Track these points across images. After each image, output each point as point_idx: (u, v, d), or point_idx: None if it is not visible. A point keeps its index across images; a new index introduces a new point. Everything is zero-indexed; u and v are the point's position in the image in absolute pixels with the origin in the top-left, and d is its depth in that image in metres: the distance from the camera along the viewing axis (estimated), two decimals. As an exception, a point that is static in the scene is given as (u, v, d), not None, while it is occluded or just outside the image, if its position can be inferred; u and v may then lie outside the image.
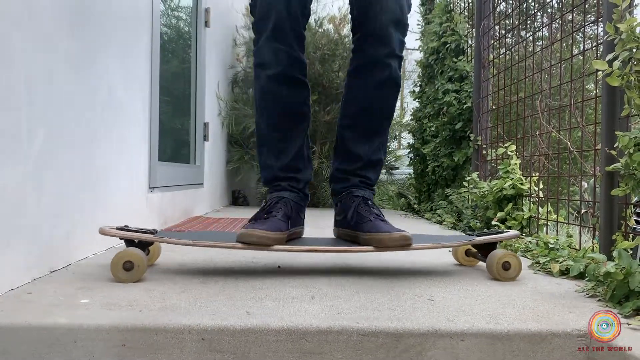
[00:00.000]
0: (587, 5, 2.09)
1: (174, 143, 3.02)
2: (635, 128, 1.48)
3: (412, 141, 4.35)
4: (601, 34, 1.77)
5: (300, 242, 1.53)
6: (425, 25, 4.33)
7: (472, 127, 3.07)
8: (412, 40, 4.94)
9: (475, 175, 2.74)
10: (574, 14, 2.75)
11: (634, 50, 1.36)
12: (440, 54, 3.72)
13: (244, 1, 4.53)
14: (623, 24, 1.36)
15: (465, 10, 3.75)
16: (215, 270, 1.49)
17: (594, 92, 2.07)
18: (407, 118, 4.90)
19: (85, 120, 1.60)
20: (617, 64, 1.37)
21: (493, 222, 2.33)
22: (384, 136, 1.62)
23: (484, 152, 2.82)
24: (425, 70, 4.04)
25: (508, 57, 2.75)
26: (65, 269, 1.44)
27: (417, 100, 4.27)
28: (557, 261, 1.58)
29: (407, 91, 4.77)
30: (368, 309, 1.10)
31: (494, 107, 2.85)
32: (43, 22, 1.35)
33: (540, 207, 2.18)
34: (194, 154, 3.31)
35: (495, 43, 2.96)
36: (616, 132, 1.45)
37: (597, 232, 1.60)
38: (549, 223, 2.08)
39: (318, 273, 1.47)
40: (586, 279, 1.38)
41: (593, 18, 2.61)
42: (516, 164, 2.35)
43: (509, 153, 2.39)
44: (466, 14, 3.71)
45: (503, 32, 3.03)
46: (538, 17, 3.45)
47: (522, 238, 2.03)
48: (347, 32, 4.40)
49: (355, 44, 1.56)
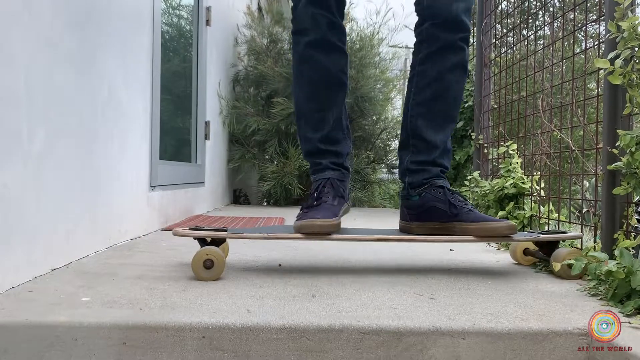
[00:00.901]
0: (588, 4, 2.09)
1: (175, 142, 3.02)
2: (637, 127, 1.48)
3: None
4: (603, 32, 1.77)
5: (362, 232, 1.52)
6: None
7: (473, 126, 3.07)
8: (414, 39, 4.92)
9: (476, 174, 2.73)
10: (576, 13, 2.74)
11: (636, 49, 1.36)
12: (442, 53, 3.70)
13: (245, 0, 4.53)
14: (625, 22, 1.36)
15: (466, 8, 3.74)
16: (216, 268, 1.49)
17: (596, 90, 2.06)
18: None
19: (85, 119, 1.60)
20: (619, 62, 1.37)
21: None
22: (454, 122, 1.62)
23: (486, 150, 2.81)
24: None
25: (509, 55, 2.74)
26: (66, 267, 1.44)
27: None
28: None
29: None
30: (369, 307, 1.10)
31: (495, 106, 2.85)
32: (43, 22, 1.35)
33: (541, 206, 2.18)
34: (195, 152, 3.31)
35: (497, 42, 2.95)
36: (618, 131, 1.45)
37: (598, 231, 1.60)
38: (550, 222, 2.08)
39: (319, 271, 1.47)
40: (588, 278, 1.38)
41: (595, 16, 2.61)
42: (517, 162, 2.34)
43: (511, 152, 2.39)
44: (467, 12, 3.70)
45: (504, 30, 3.03)
46: (539, 15, 3.44)
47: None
48: (348, 31, 4.39)
49: (425, 33, 1.55)
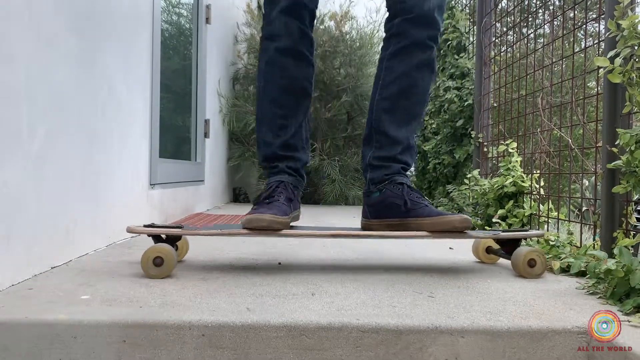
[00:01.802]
0: (588, 2, 2.09)
1: (175, 140, 3.02)
2: (637, 125, 1.48)
3: (414, 138, 4.34)
4: (603, 31, 1.77)
5: (320, 229, 1.52)
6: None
7: (473, 125, 3.07)
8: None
9: (476, 172, 2.73)
10: (576, 11, 2.74)
11: (636, 47, 1.36)
12: (442, 51, 3.71)
13: (244, -2, 4.52)
14: (625, 21, 1.36)
15: (466, 7, 3.74)
16: (216, 266, 1.49)
17: (596, 89, 2.06)
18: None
19: (85, 117, 1.60)
20: (618, 61, 1.37)
21: (494, 220, 2.32)
22: (419, 120, 1.62)
23: (485, 149, 2.81)
24: (427, 67, 4.02)
25: (509, 54, 2.74)
26: (66, 265, 1.44)
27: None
28: (558, 258, 1.58)
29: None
30: (368, 305, 1.10)
31: (495, 105, 2.85)
32: (43, 21, 1.35)
33: (541, 205, 2.18)
34: (195, 150, 3.31)
35: (497, 40, 2.95)
36: (617, 130, 1.45)
37: (598, 229, 1.60)
38: (549, 220, 2.08)
39: (318, 270, 1.47)
40: (587, 277, 1.38)
41: (594, 15, 2.61)
42: (517, 161, 2.34)
43: (510, 150, 2.39)
44: (467, 11, 3.70)
45: (504, 29, 3.03)
46: (539, 14, 3.44)
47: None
48: (348, 29, 4.38)
49: (395, 28, 1.55)
